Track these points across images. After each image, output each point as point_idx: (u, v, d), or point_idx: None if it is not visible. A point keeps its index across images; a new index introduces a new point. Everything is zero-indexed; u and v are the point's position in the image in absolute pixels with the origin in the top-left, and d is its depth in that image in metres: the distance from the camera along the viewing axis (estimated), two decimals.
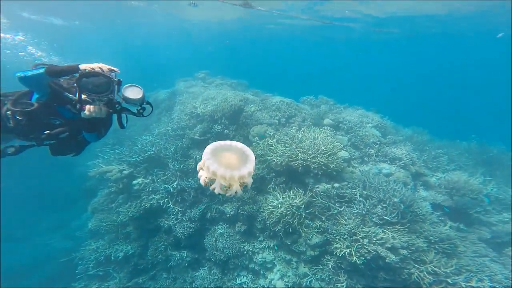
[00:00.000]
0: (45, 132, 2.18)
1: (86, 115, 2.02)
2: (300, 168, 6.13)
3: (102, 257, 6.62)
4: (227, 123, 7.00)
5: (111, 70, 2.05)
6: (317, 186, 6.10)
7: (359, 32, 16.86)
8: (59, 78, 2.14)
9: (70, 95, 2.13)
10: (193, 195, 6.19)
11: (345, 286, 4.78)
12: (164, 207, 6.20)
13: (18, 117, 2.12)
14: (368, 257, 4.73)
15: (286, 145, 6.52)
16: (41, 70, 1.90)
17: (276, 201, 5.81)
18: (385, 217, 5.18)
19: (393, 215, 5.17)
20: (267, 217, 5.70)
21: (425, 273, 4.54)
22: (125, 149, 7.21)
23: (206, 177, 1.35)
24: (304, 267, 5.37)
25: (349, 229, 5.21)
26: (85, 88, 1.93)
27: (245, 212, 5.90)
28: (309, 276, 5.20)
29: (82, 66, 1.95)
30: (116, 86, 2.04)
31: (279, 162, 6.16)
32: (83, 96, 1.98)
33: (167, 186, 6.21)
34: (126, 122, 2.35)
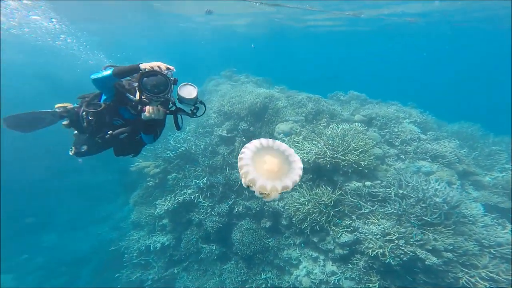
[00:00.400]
0: (108, 132, 2.26)
1: (145, 117, 2.02)
2: (328, 166, 5.90)
3: (143, 247, 7.18)
4: (253, 120, 7.08)
5: (168, 69, 1.98)
6: (347, 184, 5.79)
7: (390, 24, 15.65)
8: (123, 79, 2.21)
9: (131, 96, 2.19)
10: (221, 190, 6.38)
11: (377, 287, 4.40)
12: (195, 201, 6.50)
13: (89, 118, 2.26)
14: (405, 259, 4.31)
15: (314, 142, 6.34)
16: (109, 72, 1.95)
17: (302, 198, 5.66)
18: (424, 218, 4.67)
19: (435, 216, 4.63)
20: (293, 214, 5.58)
21: (477, 278, 3.95)
22: (160, 145, 7.78)
23: (247, 179, 1.24)
24: (332, 265, 5.11)
25: (382, 228, 4.83)
26: (144, 88, 1.91)
27: (270, 209, 5.87)
28: (337, 275, 4.93)
29: (142, 66, 1.93)
30: (172, 86, 1.99)
31: (305, 160, 6.01)
32: (143, 97, 2.00)
33: (197, 181, 6.51)
34: (182, 123, 2.31)
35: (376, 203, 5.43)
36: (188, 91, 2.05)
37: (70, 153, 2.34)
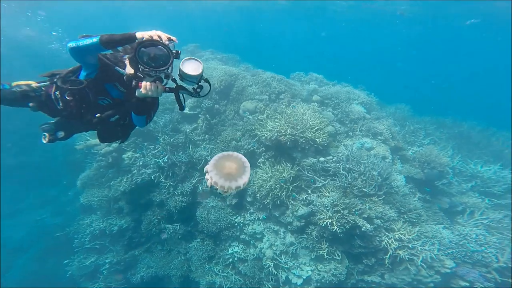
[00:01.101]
0: (96, 115, 1.96)
1: (141, 94, 1.71)
2: (288, 143, 6.30)
3: (97, 231, 6.75)
4: (218, 98, 6.85)
5: (170, 40, 1.66)
6: (304, 160, 6.36)
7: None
8: (113, 49, 1.86)
9: (121, 70, 1.86)
10: (184, 169, 6.27)
11: (326, 252, 5.29)
12: (155, 181, 6.26)
13: (67, 97, 1.91)
14: (347, 227, 5.20)
15: (276, 120, 6.59)
16: (95, 39, 1.62)
17: (265, 175, 6.03)
18: (364, 189, 5.59)
19: (371, 188, 5.59)
20: (257, 190, 5.96)
21: (392, 239, 5.10)
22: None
23: (210, 182, 1.71)
24: (290, 237, 5.81)
25: (332, 201, 5.61)
26: (141, 60, 1.61)
27: None
28: (295, 245, 5.67)
29: (139, 34, 1.62)
30: (173, 59, 1.68)
31: (268, 137, 6.27)
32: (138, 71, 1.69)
33: (158, 160, 6.21)
34: (184, 103, 2.01)
35: (328, 177, 6.19)
36: (193, 67, 1.75)
37: (44, 141, 2.03)
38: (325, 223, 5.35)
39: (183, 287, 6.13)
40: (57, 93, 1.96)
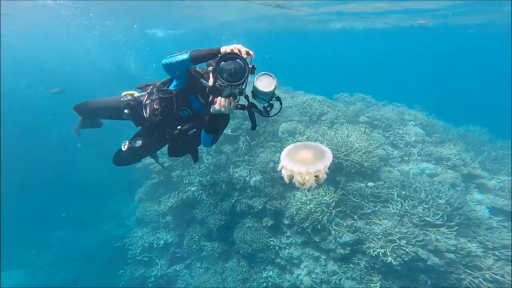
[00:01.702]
0: (178, 127, 2.01)
1: (215, 110, 1.69)
2: (331, 166, 5.94)
3: (147, 244, 7.29)
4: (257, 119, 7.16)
5: (248, 54, 1.62)
6: (349, 184, 5.82)
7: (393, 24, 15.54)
8: (201, 63, 1.90)
9: (205, 82, 1.93)
10: (224, 188, 6.48)
11: (378, 286, 4.39)
12: (198, 199, 6.61)
13: (155, 106, 2.06)
14: (406, 259, 4.30)
15: (317, 141, 6.41)
16: (186, 56, 1.73)
17: (305, 198, 5.71)
18: (427, 219, 4.65)
19: (437, 217, 4.61)
20: (295, 213, 5.62)
21: (481, 279, 3.91)
22: None
23: (286, 175, 1.42)
24: (333, 265, 5.11)
25: (384, 229, 4.83)
26: (220, 74, 1.59)
27: (272, 208, 5.92)
28: (339, 274, 4.93)
29: (222, 49, 1.64)
30: (248, 74, 1.61)
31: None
32: (216, 84, 1.65)
33: (201, 178, 6.63)
34: (255, 121, 1.95)
35: (378, 203, 5.43)
36: (266, 83, 1.65)
37: (123, 148, 2.10)
38: (375, 252, 4.56)
39: None
40: (147, 101, 2.14)
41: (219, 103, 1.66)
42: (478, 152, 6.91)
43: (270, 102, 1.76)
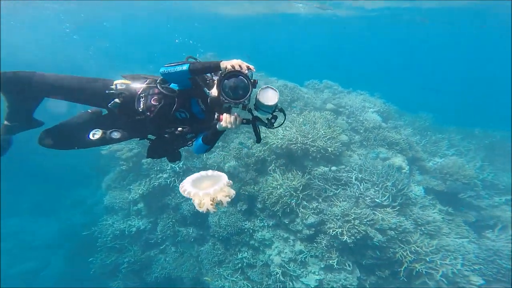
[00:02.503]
0: (179, 129, 1.94)
1: (221, 127, 1.74)
2: (299, 151, 6.40)
3: (118, 232, 7.24)
4: None
5: (248, 69, 1.66)
6: (315, 169, 6.39)
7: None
8: (199, 75, 1.90)
9: (207, 91, 1.92)
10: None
11: (336, 262, 5.22)
12: (171, 185, 6.67)
13: (152, 101, 1.96)
14: (358, 237, 5.11)
15: (287, 128, 6.74)
16: (185, 67, 1.72)
17: (275, 183, 6.16)
18: (376, 200, 5.48)
19: (384, 198, 5.46)
20: (266, 197, 6.07)
21: (408, 252, 4.91)
22: None
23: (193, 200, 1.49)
24: (300, 245, 5.81)
25: (342, 210, 5.56)
26: (224, 92, 1.63)
27: (246, 192, 6.29)
28: (304, 253, 5.65)
29: (223, 64, 1.65)
30: (252, 90, 1.66)
31: (279, 145, 6.43)
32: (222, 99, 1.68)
33: (173, 165, 6.63)
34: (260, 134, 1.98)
35: (340, 186, 6.15)
36: (269, 96, 1.70)
37: (91, 138, 1.96)
38: (334, 232, 5.31)
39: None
40: (142, 95, 2.00)
41: (225, 120, 1.69)
42: (423, 136, 8.02)
43: (274, 114, 1.80)
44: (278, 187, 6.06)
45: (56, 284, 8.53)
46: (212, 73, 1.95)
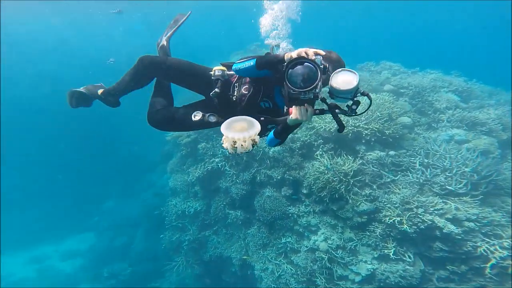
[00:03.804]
0: (262, 118, 1.84)
1: (292, 121, 1.67)
2: (350, 135, 5.89)
3: (180, 212, 8.09)
4: None
5: (316, 54, 1.54)
6: (369, 153, 5.75)
7: None
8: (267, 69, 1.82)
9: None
10: (245, 159, 6.85)
11: (392, 252, 4.50)
12: (222, 169, 7.12)
13: (243, 91, 1.98)
14: (422, 227, 4.29)
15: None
16: (252, 63, 1.73)
17: (322, 167, 5.81)
18: (448, 187, 4.49)
19: (461, 185, 4.42)
20: (313, 182, 5.78)
21: (497, 247, 3.79)
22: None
23: (229, 145, 1.52)
24: (349, 233, 5.27)
25: (402, 197, 4.79)
26: (290, 82, 1.53)
27: (291, 177, 6.15)
28: (355, 241, 5.10)
29: (287, 55, 1.58)
30: (321, 76, 1.50)
31: (327, 129, 6.07)
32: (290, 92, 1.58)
33: (224, 150, 7.08)
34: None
35: (399, 172, 5.33)
36: (345, 80, 1.50)
37: (193, 118, 2.03)
38: (391, 220, 4.61)
39: (241, 269, 6.54)
40: (236, 83, 2.02)
41: (295, 113, 1.60)
42: None
43: (355, 99, 1.57)
44: (326, 171, 5.69)
45: (141, 256, 10.14)
46: None
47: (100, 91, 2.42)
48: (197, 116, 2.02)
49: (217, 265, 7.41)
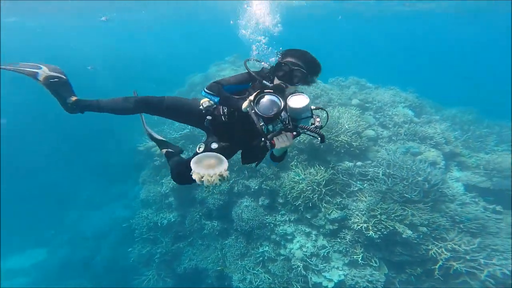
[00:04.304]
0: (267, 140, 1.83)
1: (278, 151, 1.84)
2: (322, 146, 6.37)
3: (152, 224, 7.85)
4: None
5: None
6: (339, 164, 6.28)
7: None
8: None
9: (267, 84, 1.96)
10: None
11: (360, 257, 5.01)
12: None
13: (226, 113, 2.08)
14: (385, 232, 4.86)
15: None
16: (216, 100, 1.92)
17: (297, 177, 6.18)
18: (406, 195, 5.16)
19: (415, 193, 5.12)
20: (288, 192, 6.13)
21: (443, 249, 4.50)
22: (166, 127, 8.36)
23: (198, 178, 1.69)
24: (322, 240, 5.70)
25: (368, 205, 5.35)
26: (262, 117, 1.66)
27: (267, 187, 6.42)
28: (327, 248, 5.53)
29: (244, 104, 1.75)
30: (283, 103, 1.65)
31: (302, 140, 6.48)
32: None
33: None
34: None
35: (365, 182, 5.93)
36: (298, 100, 1.66)
37: (198, 151, 2.12)
38: (359, 227, 5.13)
39: (218, 281, 6.59)
40: (222, 106, 2.07)
41: (278, 143, 1.70)
42: (464, 131, 7.31)
43: (313, 114, 1.73)
44: (300, 181, 6.08)
45: (105, 270, 9.49)
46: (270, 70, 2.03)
47: (73, 98, 2.33)
48: (201, 148, 2.15)
49: (192, 277, 7.32)
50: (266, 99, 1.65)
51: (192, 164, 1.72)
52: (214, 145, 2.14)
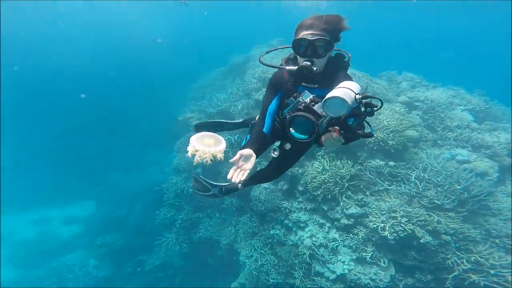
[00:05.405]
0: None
1: (328, 147, 1.89)
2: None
3: (179, 190, 8.94)
4: None
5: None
6: (369, 160, 6.25)
7: None
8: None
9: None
10: None
11: (369, 256, 5.04)
12: (225, 155, 7.84)
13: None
14: (402, 235, 4.80)
15: None
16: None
17: (321, 167, 6.37)
18: (436, 201, 4.96)
19: (448, 201, 4.88)
20: (309, 180, 6.37)
21: (464, 260, 4.27)
22: (205, 102, 9.39)
23: (191, 152, 1.90)
24: (335, 233, 5.84)
25: (390, 206, 5.30)
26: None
27: (289, 173, 6.76)
28: (337, 241, 5.66)
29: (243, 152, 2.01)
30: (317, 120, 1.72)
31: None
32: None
33: (230, 137, 7.80)
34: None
35: (394, 183, 5.82)
36: (336, 107, 1.57)
37: (273, 154, 2.22)
38: (374, 226, 5.15)
39: (228, 253, 7.30)
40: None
41: (326, 140, 1.75)
42: None
43: (361, 105, 1.63)
44: (324, 172, 6.26)
45: (136, 229, 11.16)
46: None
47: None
48: (275, 152, 2.22)
49: (205, 247, 8.20)
50: (297, 120, 1.79)
51: (192, 138, 1.91)
52: (288, 145, 2.19)
